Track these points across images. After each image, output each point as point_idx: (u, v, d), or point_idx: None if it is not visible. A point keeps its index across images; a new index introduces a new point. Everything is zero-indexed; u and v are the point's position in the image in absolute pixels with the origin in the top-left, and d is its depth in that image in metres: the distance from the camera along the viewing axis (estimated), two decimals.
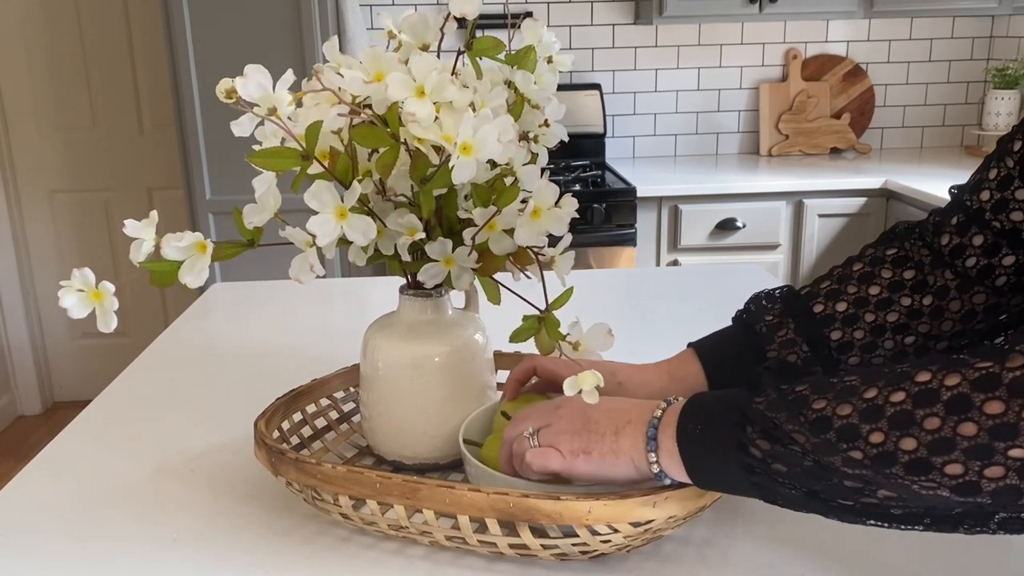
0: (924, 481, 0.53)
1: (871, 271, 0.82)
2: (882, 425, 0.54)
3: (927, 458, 0.53)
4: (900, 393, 0.54)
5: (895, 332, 0.79)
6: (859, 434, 0.55)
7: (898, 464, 0.54)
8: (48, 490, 0.90)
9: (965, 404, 0.51)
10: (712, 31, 3.15)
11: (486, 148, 0.71)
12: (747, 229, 2.74)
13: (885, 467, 0.54)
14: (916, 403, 0.53)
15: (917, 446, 0.53)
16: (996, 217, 0.73)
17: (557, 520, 0.68)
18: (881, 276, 0.81)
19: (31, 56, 3.20)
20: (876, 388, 0.56)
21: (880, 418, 0.55)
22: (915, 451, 0.53)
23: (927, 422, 0.53)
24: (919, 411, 0.53)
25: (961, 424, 0.51)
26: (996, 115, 3.05)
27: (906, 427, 0.53)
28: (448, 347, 0.87)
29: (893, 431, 0.54)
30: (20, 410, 3.45)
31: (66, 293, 0.74)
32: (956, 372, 0.53)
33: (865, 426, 0.55)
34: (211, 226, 2.60)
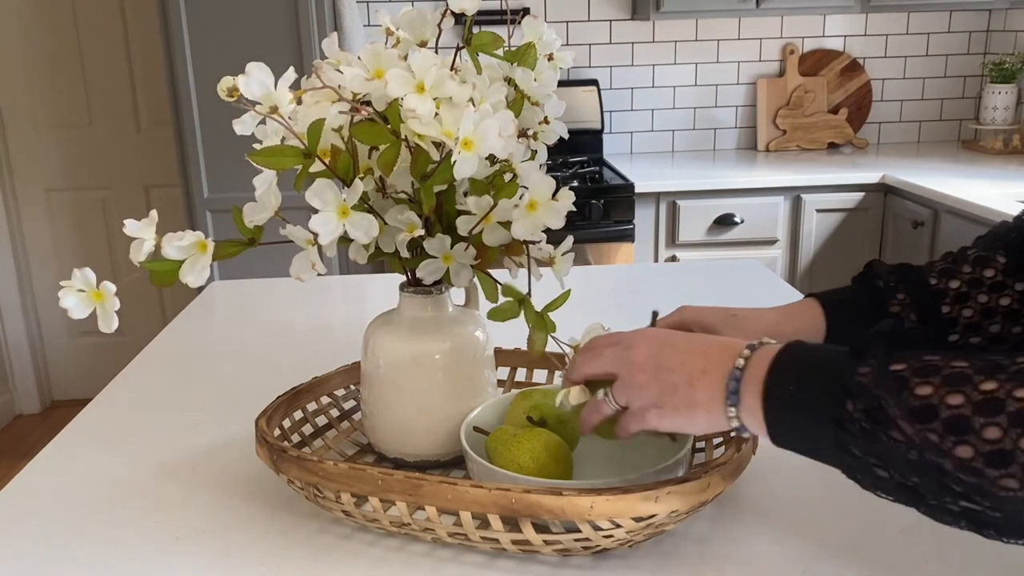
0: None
1: (985, 255, 0.81)
2: (1001, 420, 0.49)
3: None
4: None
5: (1005, 318, 0.79)
6: (971, 428, 0.50)
7: (1015, 464, 0.48)
8: (48, 490, 0.90)
9: None
10: (709, 26, 3.15)
11: (487, 143, 0.71)
12: (745, 224, 2.74)
13: (999, 467, 0.49)
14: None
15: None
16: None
17: (559, 516, 0.68)
18: (996, 260, 0.80)
19: (27, 54, 3.19)
20: (996, 381, 0.50)
21: (999, 412, 0.49)
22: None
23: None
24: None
25: None
26: (993, 109, 3.06)
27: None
28: (449, 344, 0.87)
29: (1014, 428, 0.49)
30: (18, 409, 3.45)
31: (67, 294, 0.73)
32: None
33: (979, 419, 0.50)
34: (209, 224, 2.60)
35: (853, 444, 0.55)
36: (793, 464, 0.81)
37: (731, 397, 0.61)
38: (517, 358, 1.04)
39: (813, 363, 0.59)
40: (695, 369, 0.64)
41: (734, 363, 0.62)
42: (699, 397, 0.63)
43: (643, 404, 0.66)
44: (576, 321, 0.88)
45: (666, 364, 0.65)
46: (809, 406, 0.57)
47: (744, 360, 0.62)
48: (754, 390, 0.60)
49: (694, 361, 0.64)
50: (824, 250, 2.79)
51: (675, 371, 0.65)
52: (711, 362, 0.63)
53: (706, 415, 0.63)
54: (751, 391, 0.60)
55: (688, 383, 0.64)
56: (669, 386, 0.65)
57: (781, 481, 0.86)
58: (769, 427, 0.60)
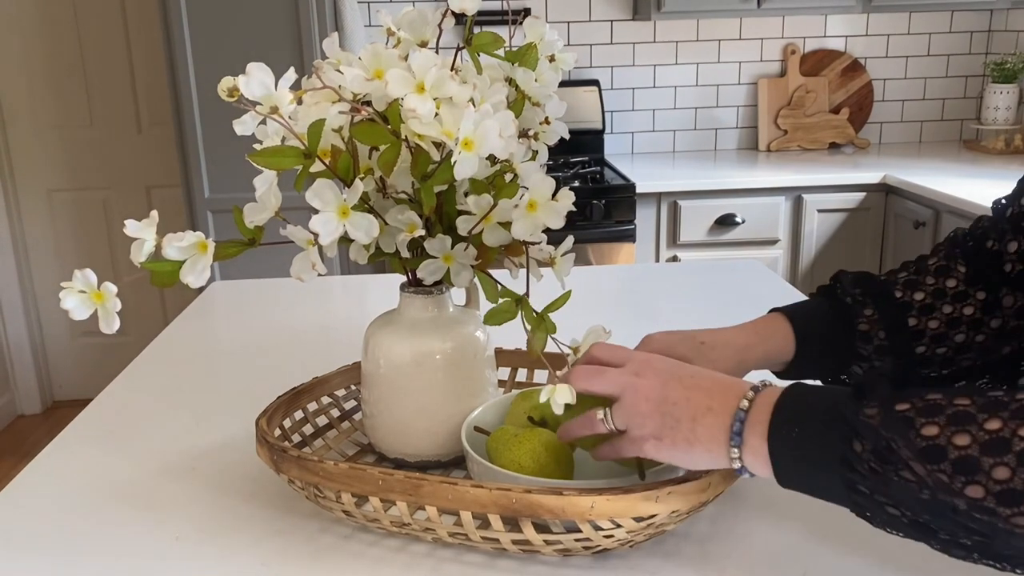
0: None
1: (946, 265, 0.82)
2: (1009, 460, 0.49)
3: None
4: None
5: (969, 327, 0.80)
6: (980, 468, 0.50)
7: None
8: (49, 490, 0.90)
9: None
10: (710, 27, 3.15)
11: (488, 143, 0.71)
12: (746, 224, 2.74)
13: (1011, 506, 0.49)
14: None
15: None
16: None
17: (560, 516, 0.68)
18: (957, 270, 0.82)
19: (28, 55, 3.19)
20: (1000, 420, 0.51)
21: (1006, 452, 0.50)
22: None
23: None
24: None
25: None
26: (995, 109, 3.05)
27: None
28: (449, 344, 0.87)
29: (1023, 467, 0.49)
30: (20, 409, 3.45)
31: (68, 294, 0.73)
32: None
33: (988, 459, 0.50)
34: (210, 224, 2.60)
35: (862, 484, 0.55)
36: None
37: (735, 438, 0.62)
38: (518, 358, 1.04)
39: (817, 404, 0.59)
40: (700, 406, 0.64)
41: (739, 404, 0.62)
42: (701, 435, 0.64)
43: (643, 434, 0.67)
44: (577, 321, 0.88)
45: (671, 397, 0.66)
46: (816, 447, 0.58)
47: (748, 402, 0.62)
48: (759, 432, 0.61)
49: (699, 399, 0.65)
50: (825, 250, 2.79)
51: (679, 406, 0.65)
52: (716, 401, 0.64)
53: (707, 453, 0.64)
54: (755, 432, 0.61)
55: (692, 419, 0.64)
56: (672, 420, 0.65)
57: None
58: (776, 468, 0.61)
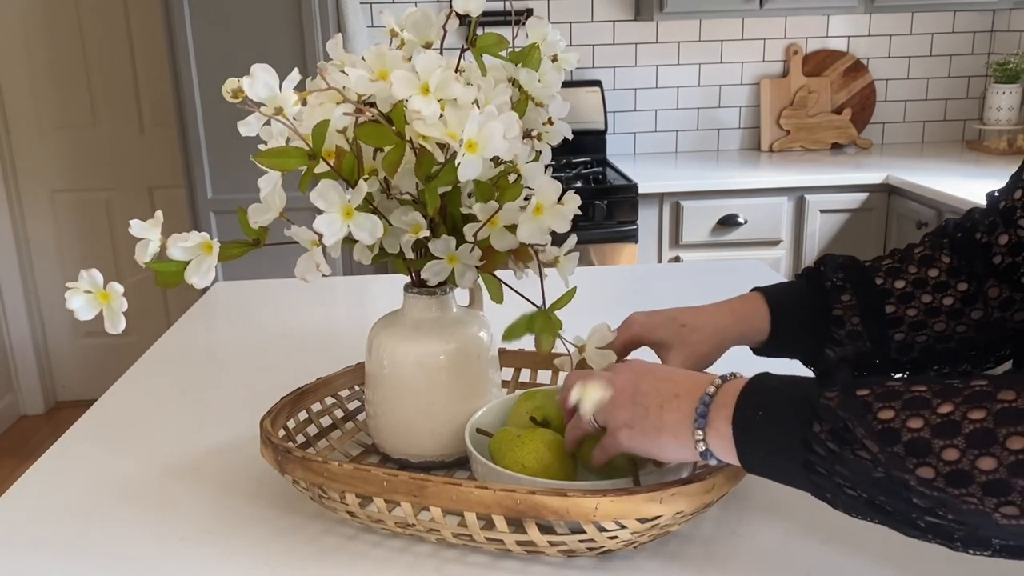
0: (1003, 505, 0.50)
1: (931, 255, 0.84)
2: (958, 442, 0.51)
3: (1007, 479, 0.49)
4: (980, 411, 0.51)
5: (949, 316, 0.81)
6: (931, 450, 0.52)
7: (974, 484, 0.50)
8: (53, 491, 0.91)
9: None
10: (713, 27, 3.15)
11: (492, 145, 0.71)
12: (749, 225, 2.74)
13: (959, 487, 0.51)
14: (999, 422, 0.50)
15: (997, 466, 0.50)
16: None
17: (564, 516, 0.68)
18: (941, 260, 0.83)
19: (31, 55, 3.20)
20: (952, 404, 0.52)
21: (956, 435, 0.51)
22: (994, 471, 0.50)
23: (1011, 441, 0.50)
24: (1002, 430, 0.50)
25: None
26: (997, 109, 3.05)
27: (986, 446, 0.50)
28: (453, 345, 0.87)
29: (971, 449, 0.51)
30: (23, 410, 3.46)
31: (73, 295, 0.74)
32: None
33: (938, 442, 0.52)
34: (213, 225, 2.61)
35: (821, 464, 0.57)
36: None
37: (699, 420, 0.64)
38: (521, 359, 1.04)
39: (781, 390, 0.61)
40: (667, 394, 0.67)
41: (705, 390, 0.65)
42: (667, 420, 0.66)
43: (616, 424, 0.70)
44: (580, 321, 0.88)
45: (642, 388, 0.69)
46: (778, 429, 0.60)
47: (715, 388, 0.65)
48: (724, 415, 0.63)
49: (668, 388, 0.68)
50: (828, 251, 2.78)
51: (649, 395, 0.68)
52: (683, 388, 0.67)
53: (673, 438, 0.66)
54: (720, 416, 0.63)
55: (659, 406, 0.67)
56: (642, 408, 0.68)
57: None
58: (739, 451, 0.62)
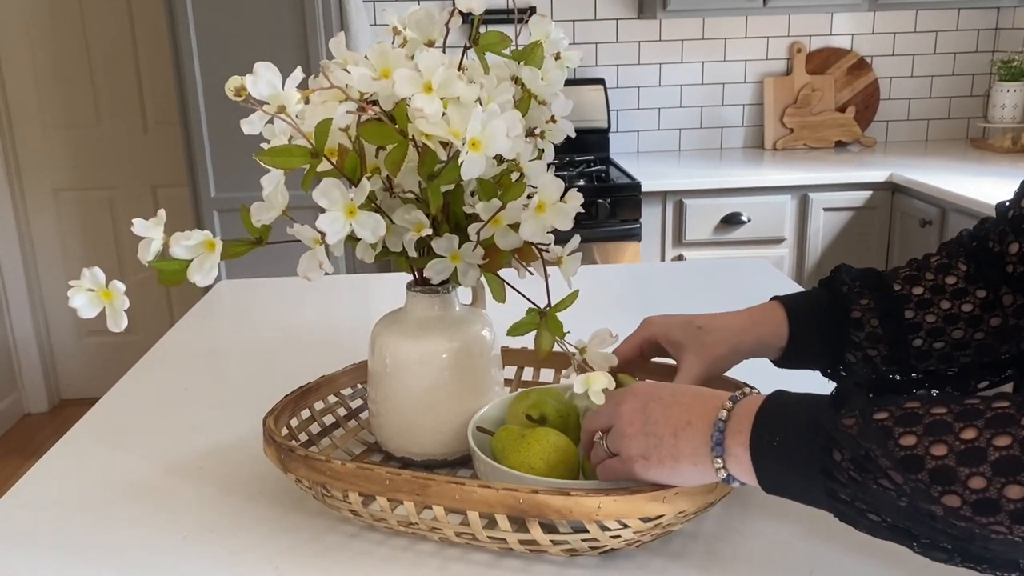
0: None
1: (948, 263, 0.83)
2: (985, 470, 0.50)
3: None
4: (1006, 437, 0.50)
5: (968, 323, 0.81)
6: (957, 478, 0.51)
7: (1002, 512, 0.50)
8: (57, 489, 0.91)
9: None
10: (716, 25, 3.15)
11: (495, 143, 0.71)
12: (752, 223, 2.73)
13: (987, 515, 0.50)
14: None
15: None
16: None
17: (567, 516, 0.68)
18: (958, 268, 0.83)
19: (35, 55, 3.20)
20: (975, 429, 0.52)
21: (982, 462, 0.51)
22: (1022, 499, 0.49)
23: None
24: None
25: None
26: (1002, 107, 3.04)
27: (1013, 473, 0.50)
28: (456, 343, 0.87)
29: (998, 477, 0.50)
30: (26, 408, 3.46)
31: (76, 293, 0.74)
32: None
33: (964, 470, 0.51)
34: (216, 223, 2.61)
35: (843, 492, 0.57)
36: None
37: (716, 448, 0.63)
38: (524, 357, 1.04)
39: (797, 413, 0.60)
40: (680, 421, 0.65)
41: (717, 415, 0.63)
42: (684, 449, 0.65)
43: (631, 455, 0.68)
44: (583, 320, 0.88)
45: (652, 417, 0.67)
46: (796, 456, 0.59)
47: (727, 412, 0.63)
48: (740, 441, 0.61)
49: (678, 414, 0.66)
50: (831, 249, 2.78)
51: (660, 424, 0.66)
52: (695, 414, 0.65)
53: (692, 466, 0.65)
54: (737, 442, 0.62)
55: (673, 434, 0.65)
56: (655, 438, 0.66)
57: None
58: (759, 476, 0.61)
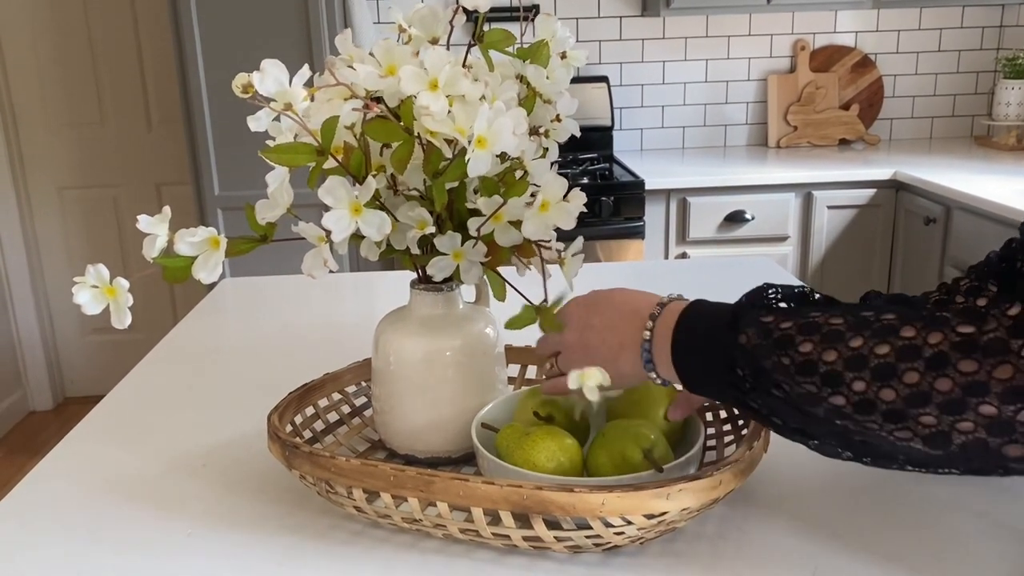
0: (898, 430, 0.58)
1: (978, 285, 0.83)
2: (865, 375, 0.59)
3: (903, 409, 0.58)
4: (885, 346, 0.59)
5: None
6: (843, 381, 0.60)
7: (877, 412, 0.59)
8: (61, 486, 0.91)
9: (943, 361, 0.56)
10: (720, 23, 3.14)
11: (501, 141, 0.71)
12: (756, 221, 2.73)
13: (865, 414, 0.59)
14: (899, 357, 0.58)
15: (895, 397, 0.58)
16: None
17: (571, 512, 0.68)
18: (988, 290, 0.82)
19: (39, 53, 3.20)
20: (862, 337, 0.60)
21: (864, 367, 0.59)
22: (893, 401, 0.58)
23: (907, 376, 0.57)
24: (901, 364, 0.58)
25: (938, 380, 0.56)
26: (1006, 105, 3.04)
27: (887, 378, 0.58)
28: (460, 341, 0.87)
29: (875, 381, 0.58)
30: (31, 406, 3.47)
31: (80, 289, 0.74)
32: (939, 331, 0.57)
33: (849, 374, 0.60)
34: (220, 221, 2.61)
35: (750, 399, 0.67)
36: (804, 461, 0.81)
37: (647, 366, 0.73)
38: (528, 355, 1.04)
39: (705, 333, 0.70)
40: (614, 346, 0.75)
41: (642, 336, 0.73)
42: (623, 369, 0.75)
43: None
44: None
45: (592, 343, 0.77)
46: (710, 370, 0.69)
47: (649, 332, 0.73)
48: (665, 360, 0.72)
49: (612, 338, 0.76)
50: (835, 247, 2.78)
51: (600, 349, 0.76)
52: (625, 336, 0.75)
53: (635, 379, 0.75)
54: (663, 362, 0.72)
55: (613, 360, 0.75)
56: (600, 361, 0.75)
57: (792, 478, 0.86)
58: (685, 384, 0.72)
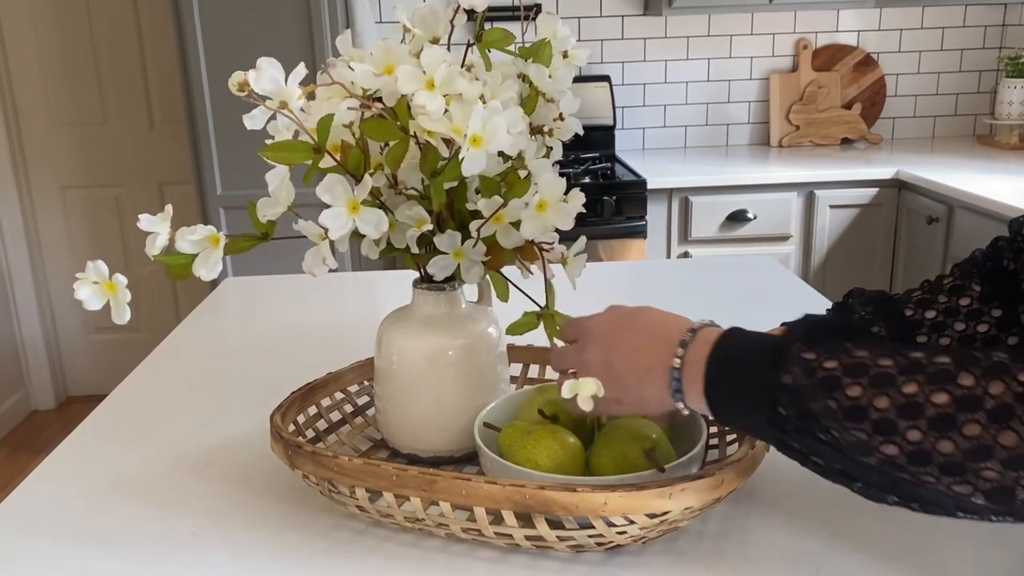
0: (957, 484, 0.54)
1: (961, 284, 0.83)
2: (921, 424, 0.55)
3: (963, 462, 0.53)
4: (943, 395, 0.54)
5: (985, 344, 0.80)
6: (896, 429, 0.55)
7: (933, 464, 0.54)
8: (65, 485, 0.91)
9: (1006, 414, 0.52)
10: (722, 21, 3.14)
11: (496, 140, 0.71)
12: (758, 220, 2.73)
13: (920, 465, 0.55)
14: (959, 407, 0.54)
15: (955, 450, 0.53)
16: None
17: (573, 512, 0.68)
18: (972, 289, 0.82)
19: (42, 53, 3.21)
20: (916, 383, 0.55)
21: (919, 416, 0.55)
22: (952, 454, 0.53)
23: (967, 428, 0.53)
24: (961, 415, 0.53)
25: (1002, 433, 0.52)
26: (1009, 104, 3.03)
27: (946, 429, 0.54)
28: (462, 341, 0.87)
29: (932, 431, 0.54)
30: (34, 405, 3.47)
31: (81, 285, 0.74)
32: (999, 380, 0.53)
33: (903, 422, 0.55)
34: (222, 221, 2.61)
35: (791, 439, 0.61)
36: None
37: (676, 395, 0.67)
38: (530, 354, 1.04)
39: (744, 366, 0.63)
40: (640, 369, 0.69)
41: (671, 362, 0.67)
42: (648, 394, 0.69)
43: (604, 398, 0.71)
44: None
45: (616, 366, 0.70)
46: (747, 406, 0.62)
47: (680, 360, 0.66)
48: (696, 389, 0.65)
49: (638, 361, 0.69)
50: (837, 246, 2.77)
51: (624, 372, 0.70)
52: (653, 360, 0.68)
53: (659, 405, 0.69)
54: (693, 391, 0.66)
55: (637, 383, 0.69)
56: (622, 385, 0.70)
57: (795, 477, 0.86)
58: (716, 417, 0.66)
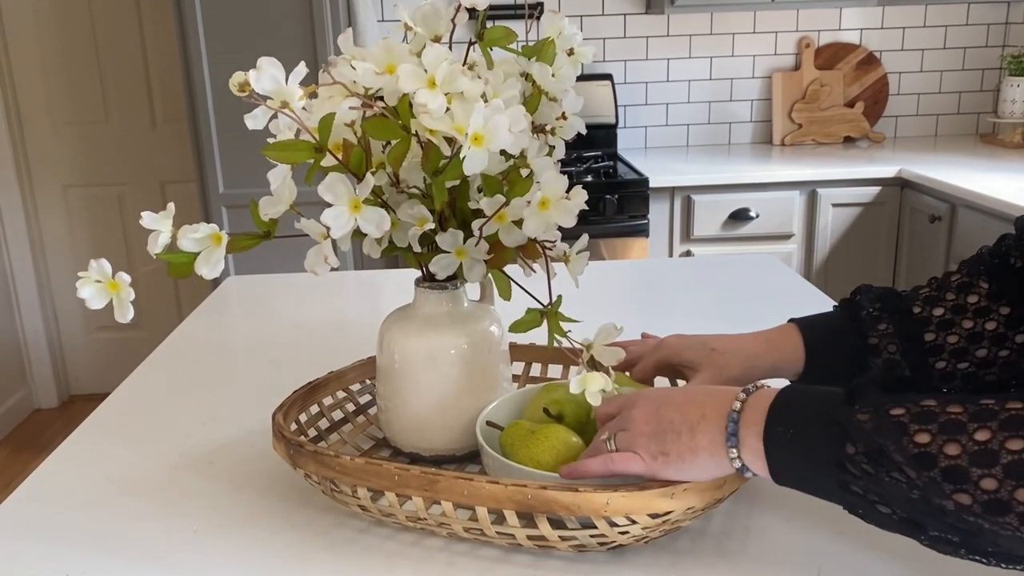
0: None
1: (968, 282, 0.83)
2: (996, 472, 0.52)
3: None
4: (1018, 441, 0.52)
5: (992, 342, 0.80)
6: (968, 478, 0.53)
7: (1012, 513, 0.52)
8: (67, 483, 0.91)
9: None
10: (724, 20, 3.14)
11: (497, 138, 0.71)
12: (760, 219, 2.73)
13: (997, 515, 0.52)
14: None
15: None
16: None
17: (575, 512, 0.68)
18: (979, 286, 0.82)
19: (44, 52, 3.21)
20: (989, 431, 0.53)
21: (994, 464, 0.52)
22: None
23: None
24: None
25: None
26: (1012, 102, 3.03)
27: (1023, 478, 0.51)
28: (464, 339, 0.87)
29: (1009, 480, 0.52)
30: (36, 403, 3.48)
31: (84, 284, 0.74)
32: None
33: (976, 470, 0.53)
34: (224, 219, 2.61)
35: (855, 484, 0.58)
36: None
37: (731, 439, 0.64)
38: (532, 353, 1.04)
39: (810, 405, 0.61)
40: (694, 416, 0.67)
41: (731, 406, 0.65)
42: (700, 441, 0.66)
43: (650, 451, 0.68)
44: (591, 317, 0.88)
45: (667, 416, 0.68)
46: (810, 448, 0.60)
47: (740, 403, 0.65)
48: (754, 432, 0.63)
49: (692, 410, 0.67)
50: (840, 245, 2.77)
51: (676, 421, 0.68)
52: (709, 408, 0.66)
53: (709, 457, 0.66)
54: (751, 433, 0.63)
55: (690, 429, 0.67)
56: (672, 434, 0.67)
57: None
58: (771, 466, 0.63)
